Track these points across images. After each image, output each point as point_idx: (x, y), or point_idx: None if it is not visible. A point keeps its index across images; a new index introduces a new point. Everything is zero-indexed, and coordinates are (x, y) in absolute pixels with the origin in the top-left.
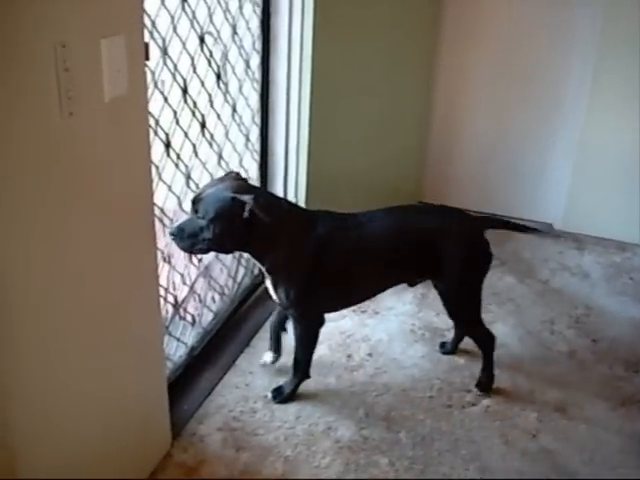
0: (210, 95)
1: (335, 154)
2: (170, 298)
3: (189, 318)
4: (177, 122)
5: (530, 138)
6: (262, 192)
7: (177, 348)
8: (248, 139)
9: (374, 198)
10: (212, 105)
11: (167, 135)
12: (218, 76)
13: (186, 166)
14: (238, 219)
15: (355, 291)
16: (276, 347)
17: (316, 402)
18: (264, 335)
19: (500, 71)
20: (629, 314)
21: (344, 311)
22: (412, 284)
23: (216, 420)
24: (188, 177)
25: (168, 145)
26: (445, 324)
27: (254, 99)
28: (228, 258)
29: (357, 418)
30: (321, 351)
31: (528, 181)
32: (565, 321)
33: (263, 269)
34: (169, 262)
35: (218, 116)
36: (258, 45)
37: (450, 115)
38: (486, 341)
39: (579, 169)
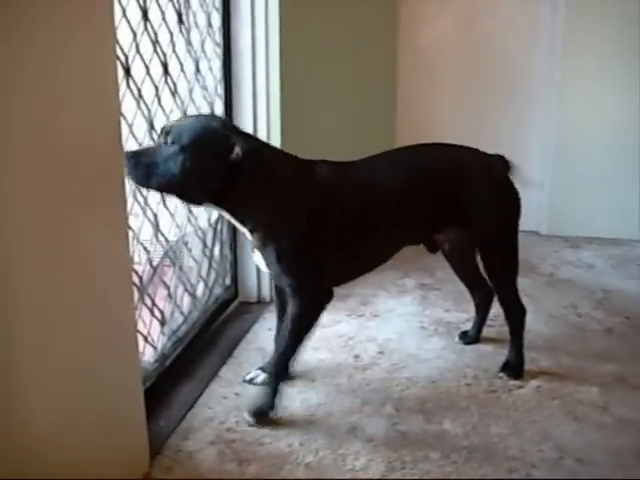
0: (172, 35)
1: (308, 141)
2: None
3: (157, 314)
4: (137, 48)
5: (502, 142)
6: (251, 136)
7: (145, 349)
8: (212, 110)
9: None
10: (174, 49)
11: (126, 58)
12: (180, 16)
13: (149, 109)
14: (220, 160)
15: (365, 252)
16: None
17: (330, 404)
18: (247, 347)
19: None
20: None
21: (339, 315)
22: (432, 247)
23: (205, 433)
24: (151, 123)
25: (128, 71)
26: (458, 318)
27: (217, 65)
28: (197, 246)
29: (386, 414)
30: (321, 355)
31: None
32: (588, 304)
33: (244, 229)
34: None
35: (181, 67)
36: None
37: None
38: (518, 312)
39: (558, 171)
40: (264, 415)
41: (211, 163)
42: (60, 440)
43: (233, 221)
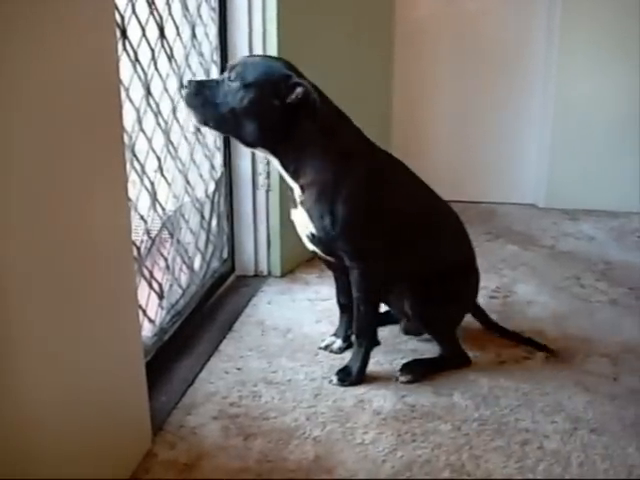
0: None
1: None
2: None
3: (156, 286)
4: (133, 9)
5: (500, 114)
6: (317, 88)
7: (143, 323)
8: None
9: None
10: (170, 11)
11: (122, 19)
12: None
13: (145, 73)
14: (280, 101)
15: (409, 252)
16: (347, 327)
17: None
18: (247, 320)
19: (463, 52)
20: None
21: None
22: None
23: (208, 409)
24: (148, 89)
25: (124, 33)
26: None
27: (213, 32)
28: (194, 217)
29: (393, 387)
30: (323, 327)
31: (503, 161)
32: (590, 276)
33: (295, 184)
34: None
35: (177, 30)
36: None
37: (410, 98)
38: None
39: (557, 143)
40: (352, 379)
41: (271, 103)
42: (61, 417)
43: (284, 173)
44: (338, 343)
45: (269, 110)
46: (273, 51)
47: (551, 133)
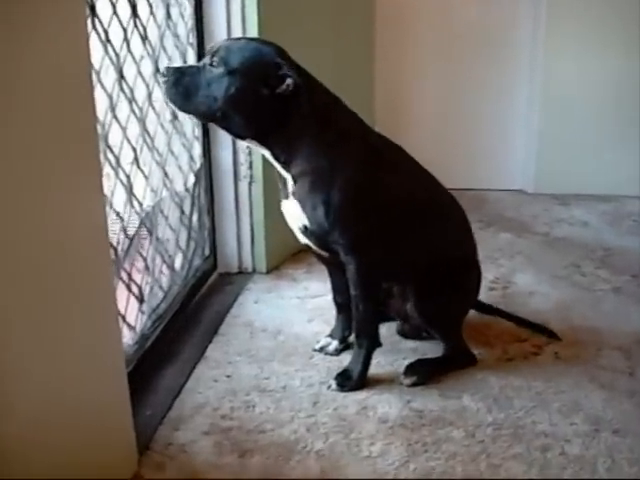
0: None
1: None
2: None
3: (135, 289)
4: None
5: (487, 99)
6: (306, 72)
7: (122, 330)
8: (185, 60)
9: None
10: None
11: None
12: None
13: (117, 55)
14: (269, 90)
15: (405, 240)
16: (344, 327)
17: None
18: (233, 322)
19: (447, 37)
20: None
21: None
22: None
23: (198, 423)
24: (120, 72)
25: (93, 9)
26: None
27: (188, 12)
28: (173, 213)
29: (397, 391)
30: (316, 327)
31: (490, 147)
32: (590, 263)
33: (287, 174)
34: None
35: (151, 9)
36: None
37: (393, 84)
38: None
39: (545, 127)
40: (352, 384)
41: (259, 92)
42: (36, 439)
43: (275, 164)
44: (334, 344)
45: (257, 99)
46: (253, 33)
47: (538, 118)
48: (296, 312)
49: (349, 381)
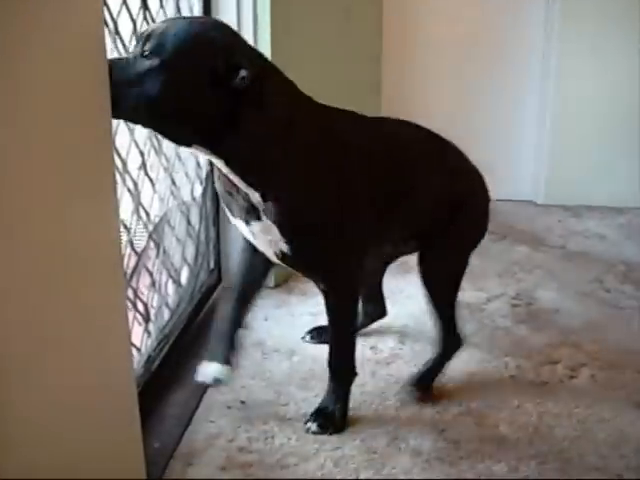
0: None
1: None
2: None
3: (140, 307)
4: None
5: (497, 108)
6: (264, 56)
7: None
8: None
9: None
10: None
11: None
12: None
13: (126, 49)
14: (217, 85)
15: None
16: (228, 354)
17: (358, 409)
18: (243, 341)
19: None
20: None
21: None
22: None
23: (213, 456)
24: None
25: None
26: (478, 299)
27: (197, 8)
28: (180, 223)
29: (428, 419)
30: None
31: (500, 157)
32: (613, 279)
33: (254, 192)
34: None
35: (160, 1)
36: None
37: (401, 94)
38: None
39: (555, 138)
40: (335, 424)
41: (204, 87)
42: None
43: (233, 178)
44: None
45: (203, 97)
46: (265, 21)
47: (549, 128)
48: None
49: (330, 421)
